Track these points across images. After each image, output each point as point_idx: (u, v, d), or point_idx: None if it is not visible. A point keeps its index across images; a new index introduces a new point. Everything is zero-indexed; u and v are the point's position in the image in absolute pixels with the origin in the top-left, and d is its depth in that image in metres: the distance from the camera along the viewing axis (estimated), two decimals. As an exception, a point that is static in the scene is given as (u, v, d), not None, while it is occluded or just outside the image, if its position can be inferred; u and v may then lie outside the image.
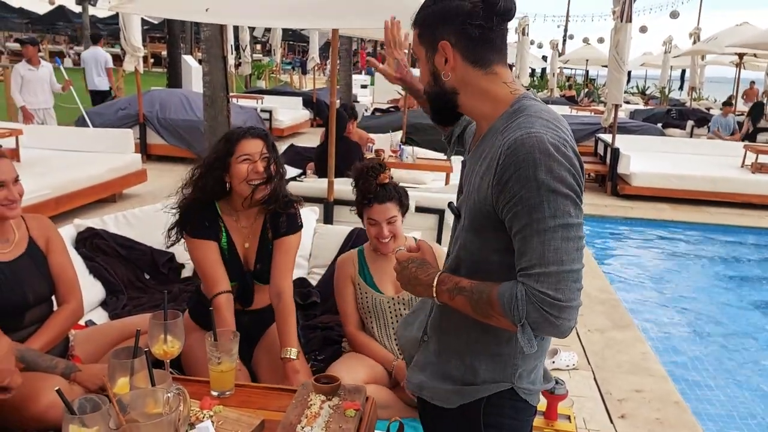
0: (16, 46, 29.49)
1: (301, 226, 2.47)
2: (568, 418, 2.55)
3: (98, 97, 10.67)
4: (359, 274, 2.60)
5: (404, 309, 2.56)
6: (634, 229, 7.70)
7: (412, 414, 2.33)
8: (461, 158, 1.79)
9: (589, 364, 3.80)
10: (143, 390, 1.53)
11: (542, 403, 2.37)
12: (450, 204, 1.54)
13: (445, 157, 6.43)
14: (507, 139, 1.26)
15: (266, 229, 2.43)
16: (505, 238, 1.30)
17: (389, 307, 2.56)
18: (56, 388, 1.42)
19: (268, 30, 19.69)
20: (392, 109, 13.73)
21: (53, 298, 2.36)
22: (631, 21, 8.35)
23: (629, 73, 19.23)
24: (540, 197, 1.21)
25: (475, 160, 1.39)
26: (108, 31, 30.83)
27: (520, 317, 1.22)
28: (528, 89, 1.47)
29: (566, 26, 33.84)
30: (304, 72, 23.36)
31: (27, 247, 2.28)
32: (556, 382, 2.46)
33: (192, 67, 13.35)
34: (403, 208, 2.54)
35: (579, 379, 3.59)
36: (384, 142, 6.86)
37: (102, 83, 10.62)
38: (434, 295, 1.38)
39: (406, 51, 1.96)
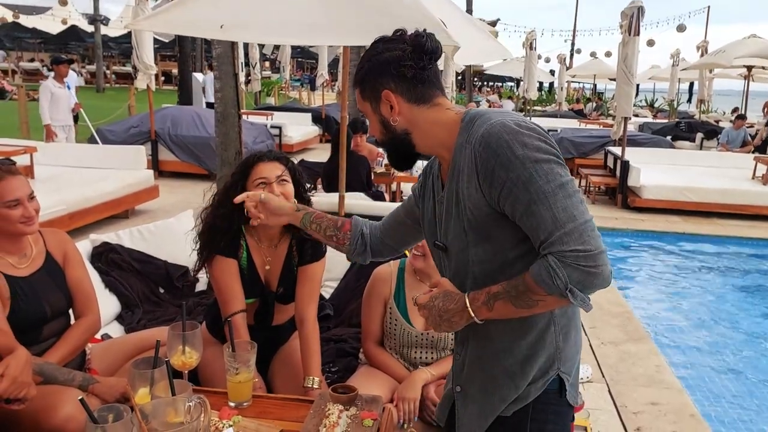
0: (30, 65, 30.01)
1: (326, 251, 2.42)
2: (585, 429, 2.53)
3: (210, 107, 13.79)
4: (394, 298, 2.51)
5: (431, 350, 2.49)
6: (645, 242, 7.67)
7: (426, 430, 2.33)
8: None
9: (603, 376, 3.77)
10: (164, 399, 1.54)
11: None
12: (434, 242, 1.56)
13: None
14: (474, 140, 1.34)
15: (292, 254, 2.40)
16: (512, 231, 1.34)
17: (417, 341, 2.48)
18: (80, 398, 1.43)
19: (277, 47, 19.87)
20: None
21: (70, 311, 2.38)
22: (638, 34, 8.37)
23: (637, 86, 19.24)
24: (527, 171, 1.27)
25: (453, 181, 1.43)
26: (119, 50, 31.32)
27: (565, 284, 1.24)
28: (536, 103, 1.53)
29: (573, 40, 33.94)
30: (313, 88, 23.55)
31: (44, 261, 2.30)
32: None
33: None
34: None
35: (593, 392, 3.57)
36: (394, 157, 6.88)
37: (211, 98, 13.12)
38: (472, 315, 1.38)
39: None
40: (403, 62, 1.40)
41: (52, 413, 1.99)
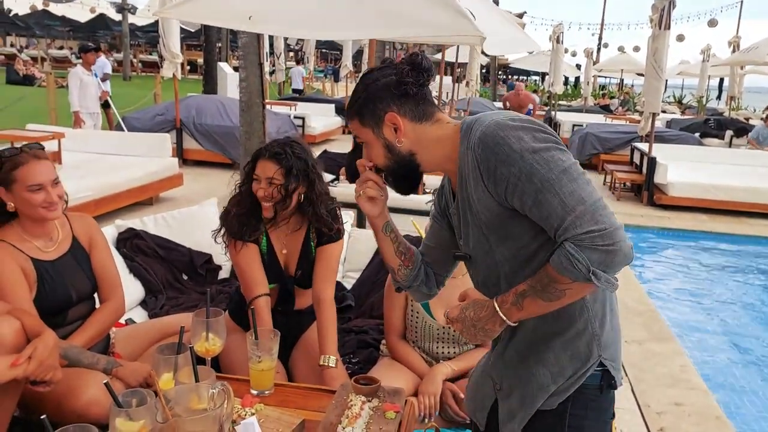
0: (59, 53, 30.45)
1: (343, 233, 2.47)
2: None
3: (297, 93, 18.02)
4: None
5: (453, 344, 2.49)
6: (670, 240, 7.55)
7: (447, 426, 2.32)
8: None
9: (626, 375, 3.72)
10: (187, 386, 1.54)
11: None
12: (455, 254, 1.57)
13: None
14: (472, 144, 1.35)
15: (309, 237, 2.44)
16: (529, 224, 1.35)
17: (438, 335, 2.47)
18: (104, 381, 1.44)
19: (302, 38, 19.91)
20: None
21: (95, 295, 2.40)
22: (669, 28, 8.21)
23: (665, 82, 18.91)
24: (528, 163, 1.28)
25: (462, 190, 1.44)
26: (146, 38, 31.68)
27: (587, 267, 1.23)
28: (561, 98, 1.51)
29: (601, 34, 33.43)
30: (337, 80, 23.56)
31: (71, 245, 2.31)
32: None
33: (227, 73, 13.54)
34: None
35: (616, 391, 3.51)
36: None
37: (299, 85, 18.56)
38: (504, 318, 1.38)
39: None
40: (404, 81, 1.42)
41: (76, 396, 2.01)
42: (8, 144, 6.32)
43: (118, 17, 28.49)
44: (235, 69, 11.95)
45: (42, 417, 1.30)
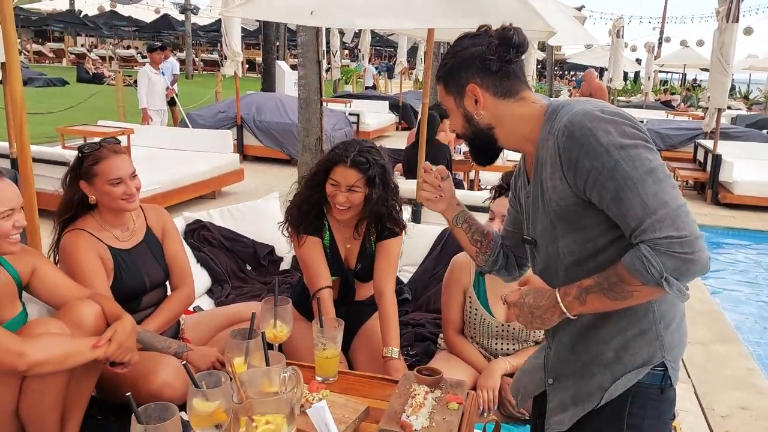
0: (126, 52, 31.63)
1: (404, 227, 2.51)
2: (674, 429, 2.44)
3: (370, 89, 20.00)
4: (473, 287, 2.50)
5: (512, 342, 2.48)
6: (735, 240, 7.27)
7: (505, 421, 2.32)
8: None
9: (689, 377, 3.62)
10: (260, 369, 1.60)
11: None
12: (522, 237, 1.56)
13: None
14: (556, 130, 1.31)
15: (370, 232, 2.50)
16: (601, 218, 1.32)
17: (497, 332, 2.47)
18: (183, 363, 1.52)
19: (357, 35, 20.08)
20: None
21: (167, 283, 2.52)
22: (737, 21, 7.91)
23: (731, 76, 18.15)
24: (613, 158, 1.23)
25: (537, 174, 1.42)
26: (207, 38, 32.60)
27: (660, 273, 1.20)
28: (620, 93, 1.48)
29: (662, 28, 32.34)
30: (391, 76, 23.65)
31: (145, 235, 2.44)
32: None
33: (285, 71, 13.76)
34: None
35: (679, 392, 3.35)
36: (473, 145, 6.83)
37: (370, 82, 20.76)
38: (564, 310, 1.36)
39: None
40: (488, 56, 1.39)
41: (151, 379, 2.12)
42: (81, 139, 6.63)
43: (181, 17, 29.41)
44: (293, 67, 12.16)
45: (128, 394, 1.38)
